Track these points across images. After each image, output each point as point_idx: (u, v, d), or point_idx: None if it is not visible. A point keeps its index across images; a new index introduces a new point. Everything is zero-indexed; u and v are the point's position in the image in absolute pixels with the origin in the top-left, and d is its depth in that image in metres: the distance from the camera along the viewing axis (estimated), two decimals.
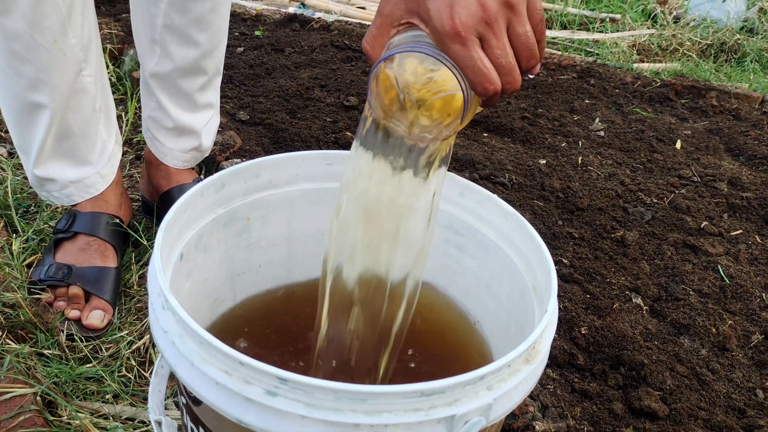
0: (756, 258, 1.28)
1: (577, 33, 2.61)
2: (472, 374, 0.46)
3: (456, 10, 0.53)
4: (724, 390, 0.96)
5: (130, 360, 0.95)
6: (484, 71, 0.54)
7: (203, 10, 1.04)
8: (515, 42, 0.55)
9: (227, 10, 1.09)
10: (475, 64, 0.54)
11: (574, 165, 1.54)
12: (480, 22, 0.53)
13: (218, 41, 1.11)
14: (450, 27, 0.53)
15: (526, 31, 0.55)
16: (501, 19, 0.53)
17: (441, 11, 0.53)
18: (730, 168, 1.60)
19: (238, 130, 1.51)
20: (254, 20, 2.29)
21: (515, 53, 0.55)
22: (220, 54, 1.13)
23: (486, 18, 0.53)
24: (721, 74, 2.33)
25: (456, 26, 0.53)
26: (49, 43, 0.90)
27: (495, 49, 0.54)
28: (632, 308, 1.11)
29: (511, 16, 0.54)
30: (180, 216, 0.63)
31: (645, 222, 1.35)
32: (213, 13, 1.05)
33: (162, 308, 0.52)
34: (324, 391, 0.44)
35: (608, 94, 1.98)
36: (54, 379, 0.89)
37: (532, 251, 0.65)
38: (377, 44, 0.58)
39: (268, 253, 0.77)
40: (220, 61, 1.14)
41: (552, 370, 0.97)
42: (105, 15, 2.11)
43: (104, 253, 1.05)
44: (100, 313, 0.99)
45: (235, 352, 0.46)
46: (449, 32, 0.53)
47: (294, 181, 0.74)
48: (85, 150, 1.03)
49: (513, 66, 0.55)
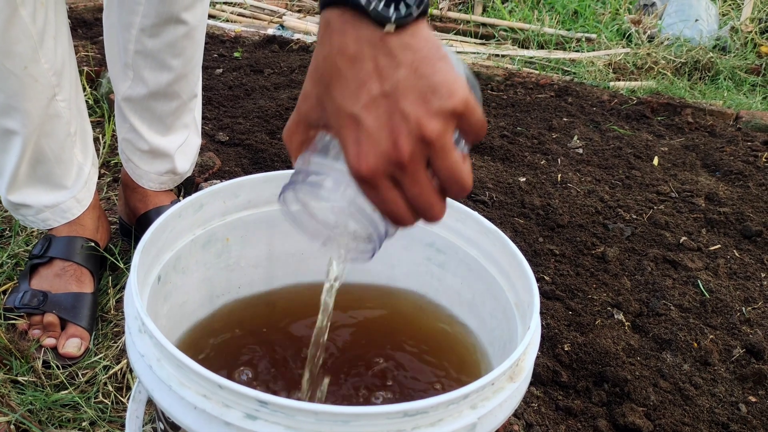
0: (735, 272, 1.29)
1: (554, 52, 2.64)
2: (455, 393, 0.46)
3: (364, 150, 0.46)
4: (707, 405, 0.96)
5: (107, 385, 0.93)
6: (393, 214, 0.49)
7: (176, 36, 1.03)
8: (438, 175, 0.48)
9: (201, 36, 1.08)
10: (384, 208, 0.49)
11: (554, 182, 1.55)
12: (390, 164, 0.46)
13: (192, 66, 1.10)
14: (356, 171, 0.47)
15: (449, 165, 0.47)
16: (417, 156, 0.47)
17: (349, 148, 0.47)
18: (706, 183, 1.61)
19: (217, 152, 1.50)
20: (233, 42, 2.29)
21: (441, 184, 0.49)
22: (194, 78, 1.12)
23: (397, 159, 0.46)
24: (696, 92, 2.37)
25: (362, 171, 0.47)
26: (19, 70, 0.89)
27: (408, 190, 0.48)
28: (614, 324, 1.11)
29: (431, 152, 0.47)
30: (157, 237, 0.62)
31: (625, 238, 1.36)
32: (186, 39, 1.04)
33: (139, 332, 0.51)
34: (305, 413, 0.44)
35: (586, 112, 2.00)
36: (28, 407, 0.86)
37: (513, 268, 0.64)
38: (295, 140, 0.53)
39: (248, 273, 0.76)
40: (195, 85, 1.13)
41: (536, 388, 0.97)
42: (82, 38, 2.10)
43: (80, 279, 1.03)
44: (76, 341, 0.97)
45: (214, 375, 0.45)
46: (356, 175, 0.47)
47: (274, 200, 0.73)
48: (60, 175, 1.02)
49: (431, 204, 0.49)
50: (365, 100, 0.46)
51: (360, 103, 0.46)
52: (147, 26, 1.01)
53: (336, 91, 0.47)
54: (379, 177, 0.47)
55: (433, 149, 0.47)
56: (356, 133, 0.47)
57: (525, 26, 2.82)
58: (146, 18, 1.00)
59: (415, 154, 0.46)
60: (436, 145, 0.46)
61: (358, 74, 0.46)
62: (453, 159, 0.47)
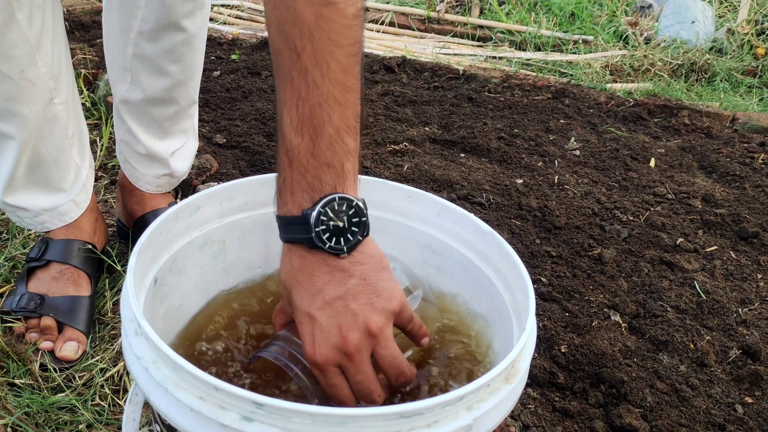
0: (731, 273, 1.29)
1: (551, 54, 2.65)
2: (451, 395, 0.46)
3: (317, 341, 0.56)
4: (703, 406, 0.97)
5: (104, 388, 0.93)
6: (340, 397, 0.58)
7: (175, 42, 1.02)
8: (380, 363, 0.58)
9: (201, 44, 1.07)
10: (331, 391, 0.58)
11: (551, 184, 1.55)
12: (338, 354, 0.56)
13: (191, 73, 1.09)
14: (311, 359, 0.57)
15: (390, 353, 0.58)
16: (363, 347, 0.56)
17: (305, 339, 0.57)
18: (703, 185, 1.62)
19: (214, 154, 1.50)
20: (230, 44, 2.29)
21: (383, 372, 0.59)
22: (194, 84, 1.11)
23: (345, 350, 0.56)
24: (692, 93, 2.38)
25: (315, 359, 0.57)
26: (16, 74, 0.89)
27: (352, 377, 0.57)
28: (611, 326, 1.11)
29: (375, 343, 0.57)
30: (154, 240, 0.62)
31: (621, 239, 1.36)
32: (186, 46, 1.04)
33: (135, 334, 0.51)
34: (301, 415, 0.44)
35: (583, 114, 2.00)
36: (25, 410, 0.86)
37: (510, 270, 0.65)
38: (277, 321, 0.65)
39: (245, 275, 0.76)
40: (194, 92, 1.13)
41: (532, 390, 0.97)
42: (79, 40, 2.10)
43: (78, 282, 1.03)
44: (73, 344, 0.97)
45: (210, 377, 0.45)
46: (310, 361, 0.58)
47: (270, 203, 0.73)
48: (58, 178, 1.02)
49: (371, 390, 0.58)
50: (320, 303, 0.57)
51: (315, 305, 0.57)
52: (146, 31, 1.01)
53: (297, 297, 0.58)
54: (329, 365, 0.56)
55: (377, 340, 0.57)
56: (311, 328, 0.57)
57: (522, 28, 2.82)
58: (145, 22, 1.00)
59: (361, 345, 0.56)
60: (379, 337, 0.56)
61: (315, 284, 0.57)
62: (393, 349, 0.58)
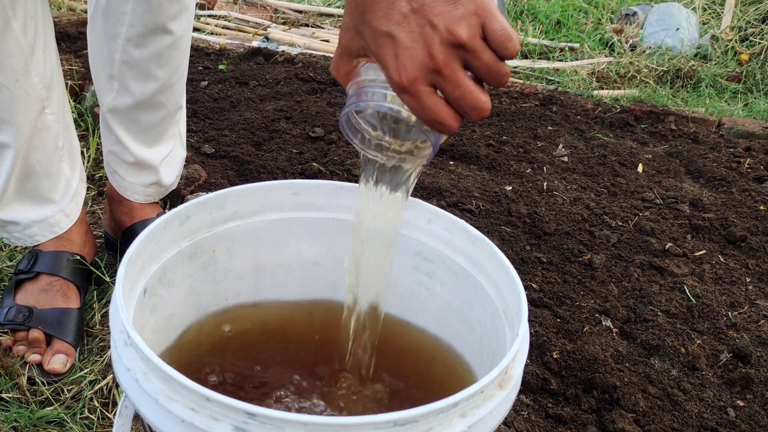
0: (720, 277, 1.30)
1: (537, 62, 2.66)
2: (445, 402, 0.46)
3: (401, 62, 0.51)
4: (696, 410, 0.97)
5: (93, 401, 0.92)
6: (437, 119, 0.53)
7: (162, 46, 1.03)
8: (478, 74, 0.53)
9: (187, 46, 1.08)
10: (426, 115, 0.53)
11: (540, 190, 1.56)
12: (428, 72, 0.51)
13: (178, 77, 1.09)
14: (397, 82, 0.52)
15: (485, 62, 0.51)
16: (453, 60, 0.51)
17: (388, 63, 0.52)
18: (691, 190, 1.63)
19: (203, 164, 1.50)
20: (218, 54, 2.29)
21: (482, 80, 0.53)
22: (180, 88, 1.12)
23: (434, 66, 0.51)
24: (678, 99, 2.40)
25: (402, 82, 0.51)
26: (11, 83, 0.89)
27: (450, 93, 0.52)
28: (602, 331, 1.11)
29: (464, 54, 0.51)
30: (143, 250, 0.61)
31: (611, 245, 1.36)
32: (172, 49, 1.04)
33: (124, 345, 0.50)
34: (295, 425, 0.43)
35: (570, 121, 2.01)
36: (13, 424, 0.85)
37: (501, 276, 0.64)
38: (342, 71, 0.59)
39: (235, 285, 0.76)
40: (180, 96, 1.13)
41: (525, 396, 0.97)
42: (66, 51, 2.09)
43: (67, 294, 1.02)
44: (62, 357, 0.96)
45: (202, 387, 0.44)
46: (397, 86, 0.52)
47: (260, 211, 0.73)
48: (48, 189, 1.01)
49: (475, 101, 0.52)
50: (397, 18, 0.51)
51: (392, 21, 0.51)
52: (133, 36, 1.01)
53: (369, 15, 0.52)
54: (418, 85, 0.51)
55: (466, 51, 0.51)
56: (393, 48, 0.51)
57: None
58: (132, 27, 1.00)
59: (450, 59, 0.51)
60: (468, 47, 0.51)
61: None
62: (487, 54, 0.51)
